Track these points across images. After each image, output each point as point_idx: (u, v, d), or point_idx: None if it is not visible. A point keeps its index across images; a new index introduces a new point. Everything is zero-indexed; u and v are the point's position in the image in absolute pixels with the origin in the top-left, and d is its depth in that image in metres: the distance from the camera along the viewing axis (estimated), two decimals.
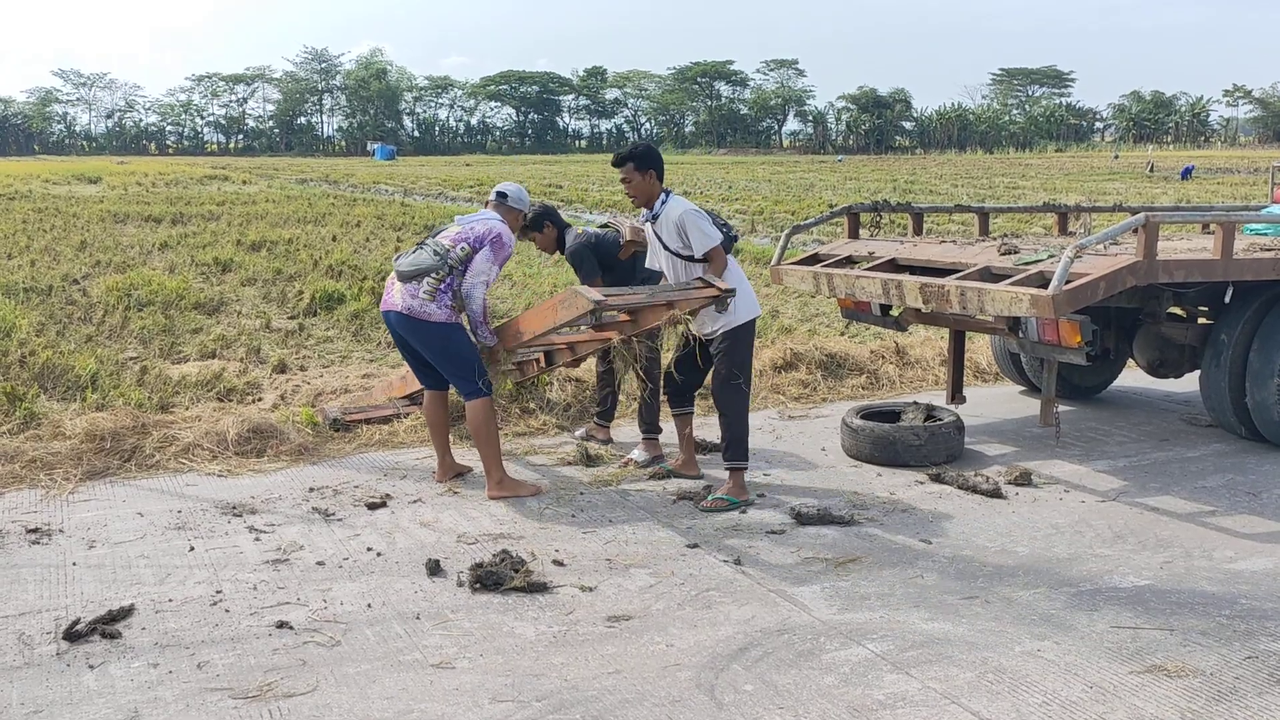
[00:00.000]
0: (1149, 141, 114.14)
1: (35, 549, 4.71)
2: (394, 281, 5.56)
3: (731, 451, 5.47)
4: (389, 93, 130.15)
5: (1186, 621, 4.02)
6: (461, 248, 5.46)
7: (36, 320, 9.98)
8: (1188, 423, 7.07)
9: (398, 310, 5.47)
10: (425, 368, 5.72)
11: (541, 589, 4.28)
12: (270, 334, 10.03)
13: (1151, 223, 5.46)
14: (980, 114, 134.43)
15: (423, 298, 5.40)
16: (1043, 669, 3.64)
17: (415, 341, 5.53)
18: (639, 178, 5.50)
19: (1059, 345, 5.86)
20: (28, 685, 3.51)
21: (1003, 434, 6.83)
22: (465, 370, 5.51)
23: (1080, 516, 5.24)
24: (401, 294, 5.46)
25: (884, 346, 8.64)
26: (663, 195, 5.55)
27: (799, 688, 3.51)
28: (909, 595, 4.27)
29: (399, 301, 5.47)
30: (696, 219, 5.46)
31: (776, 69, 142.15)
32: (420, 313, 5.41)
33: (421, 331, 5.46)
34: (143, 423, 6.24)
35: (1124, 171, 51.86)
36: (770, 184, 39.98)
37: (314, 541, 4.82)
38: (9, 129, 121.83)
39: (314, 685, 3.52)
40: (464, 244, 5.48)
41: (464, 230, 5.57)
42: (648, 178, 5.51)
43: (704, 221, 5.48)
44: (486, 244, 5.50)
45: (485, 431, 5.51)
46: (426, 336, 5.47)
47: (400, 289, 5.47)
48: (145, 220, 20.83)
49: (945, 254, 6.53)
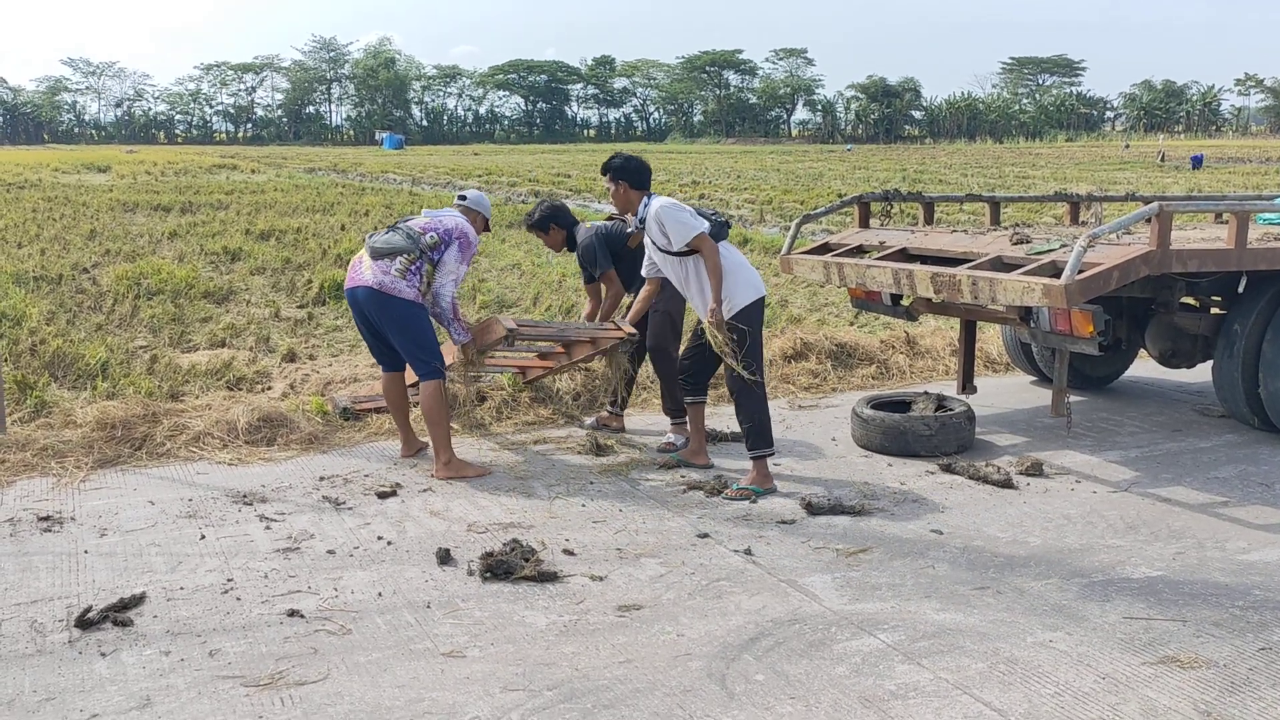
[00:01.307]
0: (1160, 131, 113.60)
1: (47, 537, 4.72)
2: (362, 260, 5.74)
3: (753, 440, 5.46)
4: (397, 82, 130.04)
5: (1199, 612, 4.00)
6: (431, 235, 5.68)
7: (47, 309, 10.00)
8: (1200, 413, 7.04)
9: (367, 285, 5.61)
10: (385, 349, 5.86)
11: (552, 578, 4.28)
12: (279, 323, 10.04)
13: (1165, 212, 5.43)
14: (990, 103, 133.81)
15: (394, 274, 5.59)
16: (1055, 660, 3.62)
17: (381, 317, 5.65)
18: (615, 188, 5.64)
19: (1071, 335, 5.83)
20: (40, 672, 3.51)
21: (1014, 424, 6.81)
22: (424, 350, 5.68)
23: (1092, 507, 5.22)
24: (372, 270, 5.62)
25: (894, 336, 8.61)
26: (645, 199, 5.60)
27: (810, 678, 3.51)
28: (920, 585, 4.26)
29: (370, 278, 5.62)
30: (672, 213, 5.43)
31: (785, 58, 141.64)
32: (391, 288, 5.58)
33: (390, 307, 5.60)
34: (153, 411, 6.25)
35: (1135, 161, 51.62)
36: (779, 173, 39.89)
37: (324, 530, 4.82)
38: (19, 118, 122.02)
39: (325, 673, 3.52)
40: (433, 233, 5.70)
41: (432, 221, 5.78)
42: (621, 189, 5.62)
43: (681, 214, 5.44)
44: (455, 242, 5.73)
45: (437, 412, 5.65)
46: (394, 312, 5.61)
47: (371, 266, 5.64)
48: (154, 209, 20.86)
49: (956, 243, 6.50)
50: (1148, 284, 6.14)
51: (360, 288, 5.66)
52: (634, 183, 5.63)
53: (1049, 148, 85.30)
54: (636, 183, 5.64)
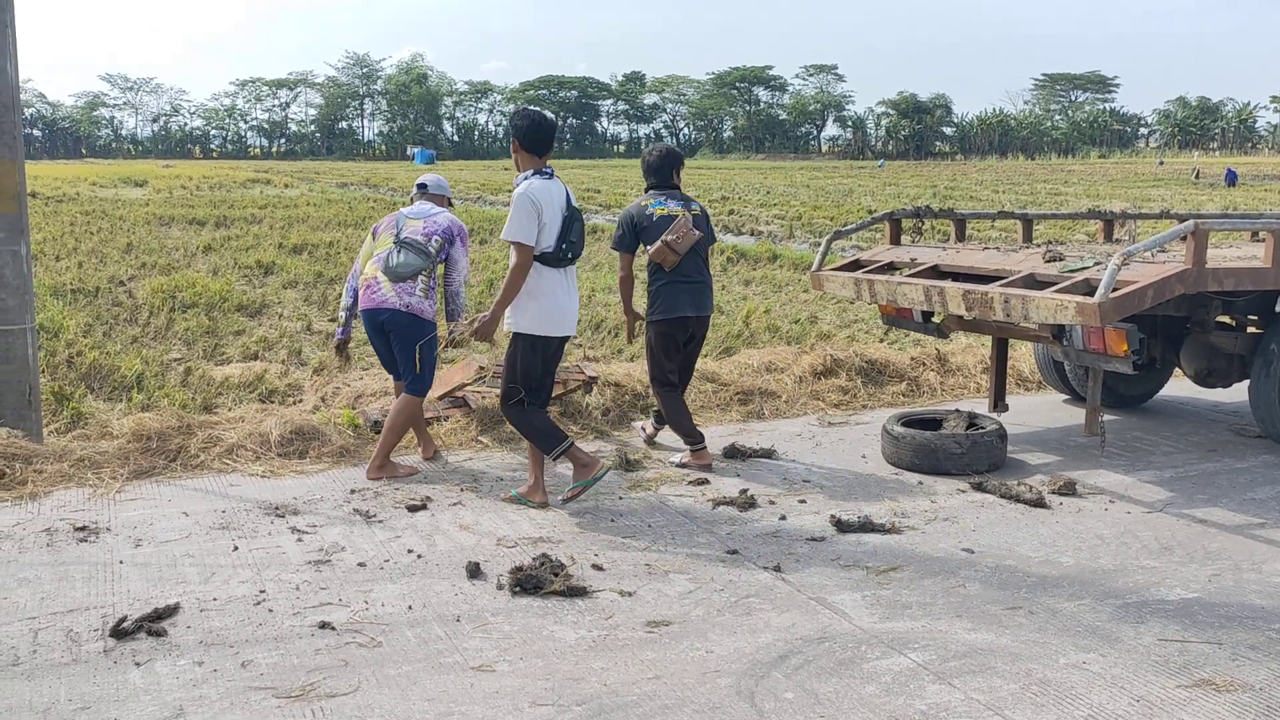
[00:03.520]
0: (1194, 148, 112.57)
1: (83, 547, 4.77)
2: (379, 282, 5.77)
3: (538, 443, 5.40)
4: (429, 97, 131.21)
5: (1235, 635, 3.95)
6: (434, 240, 5.83)
7: (84, 321, 10.14)
8: (1236, 433, 6.96)
9: (393, 308, 5.72)
10: (394, 363, 5.95)
11: (581, 593, 4.28)
12: (311, 336, 10.13)
13: (1201, 230, 5.39)
14: (1022, 120, 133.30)
15: (419, 295, 5.75)
16: (1088, 681, 3.59)
17: (404, 337, 5.74)
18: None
19: (1105, 354, 5.78)
20: (75, 682, 3.55)
21: (1046, 443, 6.75)
22: (427, 370, 5.84)
23: (1126, 527, 5.16)
24: (396, 292, 5.73)
25: (925, 353, 8.57)
26: (531, 171, 5.25)
27: (840, 696, 3.49)
28: (951, 605, 4.23)
29: (395, 300, 5.73)
30: (520, 203, 5.15)
31: (816, 74, 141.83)
32: (417, 309, 5.74)
33: (414, 328, 5.73)
34: (187, 423, 6.32)
35: (1169, 178, 51.21)
36: (809, 189, 39.84)
37: (355, 543, 4.85)
38: (57, 132, 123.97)
39: (356, 686, 3.54)
40: (435, 237, 5.81)
41: (427, 224, 5.89)
42: (513, 144, 5.33)
43: (523, 215, 5.12)
44: (457, 238, 5.87)
45: (402, 423, 5.83)
46: (418, 333, 5.74)
47: (392, 288, 5.73)
48: (189, 223, 21.10)
49: (988, 260, 6.47)
50: (1183, 302, 6.08)
51: (383, 310, 5.73)
52: (523, 141, 5.25)
53: (1082, 164, 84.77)
54: (525, 143, 5.24)
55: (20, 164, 6.03)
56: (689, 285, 6.10)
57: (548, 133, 5.29)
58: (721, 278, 15.07)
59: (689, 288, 6.10)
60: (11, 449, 5.71)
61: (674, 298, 6.06)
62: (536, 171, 5.25)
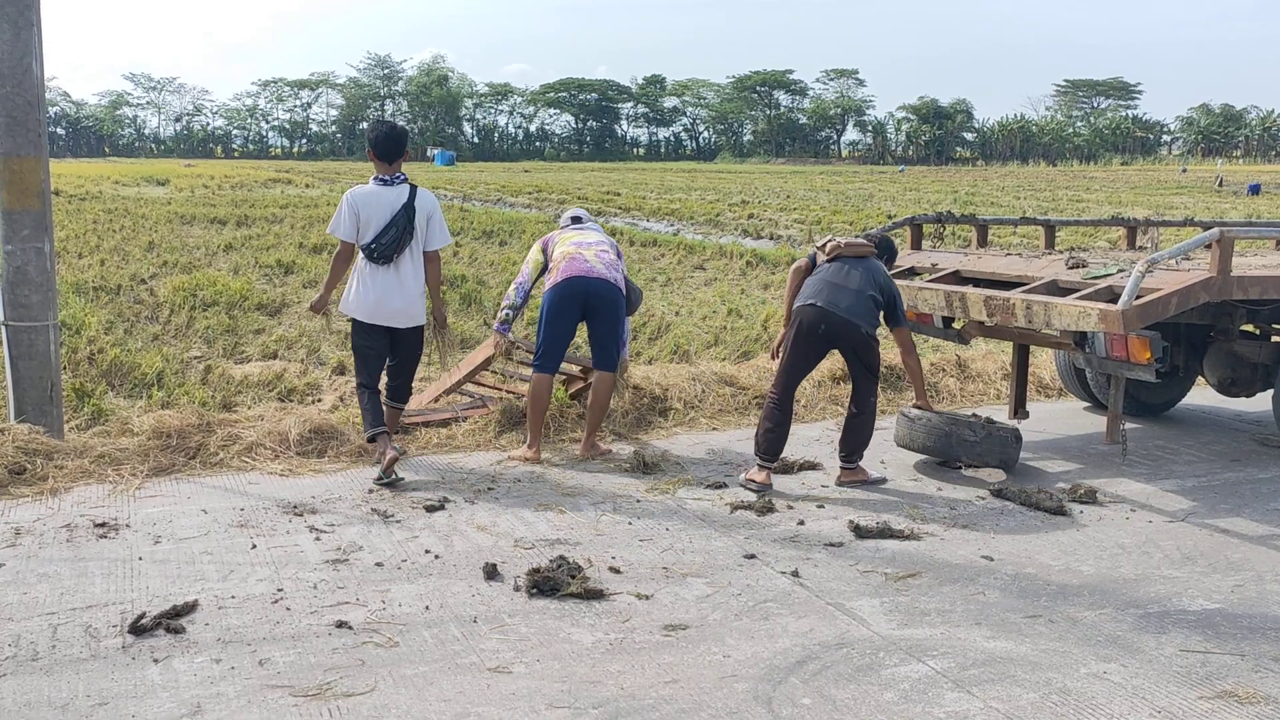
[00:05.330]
0: (1217, 155, 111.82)
1: (103, 543, 4.79)
2: (585, 257, 6.23)
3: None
4: (450, 99, 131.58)
5: (1259, 646, 3.91)
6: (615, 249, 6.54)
7: (105, 319, 10.20)
8: (1260, 443, 6.90)
9: (608, 280, 6.19)
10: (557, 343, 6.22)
11: (598, 596, 4.27)
12: (330, 336, 10.15)
13: (1226, 238, 5.35)
14: (1043, 126, 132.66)
15: (621, 278, 6.32)
16: (1109, 692, 3.56)
17: (611, 307, 6.19)
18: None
19: (1127, 361, 5.75)
20: (94, 677, 3.56)
21: (1067, 450, 6.71)
22: (622, 342, 6.39)
23: (1147, 536, 5.12)
24: (607, 269, 6.23)
25: (944, 359, 8.53)
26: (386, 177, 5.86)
27: (858, 703, 3.47)
28: (970, 612, 4.20)
29: (608, 274, 6.21)
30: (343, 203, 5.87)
31: (836, 79, 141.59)
32: (621, 287, 6.29)
33: (621, 302, 6.25)
34: (207, 421, 6.34)
35: (1191, 185, 50.89)
36: (829, 194, 39.78)
37: (373, 542, 4.86)
38: (81, 131, 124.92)
39: (372, 686, 3.54)
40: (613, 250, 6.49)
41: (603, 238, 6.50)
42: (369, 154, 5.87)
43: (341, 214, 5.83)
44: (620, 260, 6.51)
45: (604, 399, 6.37)
46: (622, 307, 6.28)
47: (604, 264, 6.24)
48: (211, 222, 21.20)
49: (1010, 267, 6.44)
50: (1207, 310, 6.03)
51: (599, 279, 6.15)
52: (374, 149, 5.83)
53: (1103, 171, 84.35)
54: (376, 150, 5.82)
55: (45, 161, 6.07)
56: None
57: (397, 142, 5.86)
58: (741, 282, 15.06)
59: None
60: (33, 445, 5.75)
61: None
62: (377, 177, 5.85)
